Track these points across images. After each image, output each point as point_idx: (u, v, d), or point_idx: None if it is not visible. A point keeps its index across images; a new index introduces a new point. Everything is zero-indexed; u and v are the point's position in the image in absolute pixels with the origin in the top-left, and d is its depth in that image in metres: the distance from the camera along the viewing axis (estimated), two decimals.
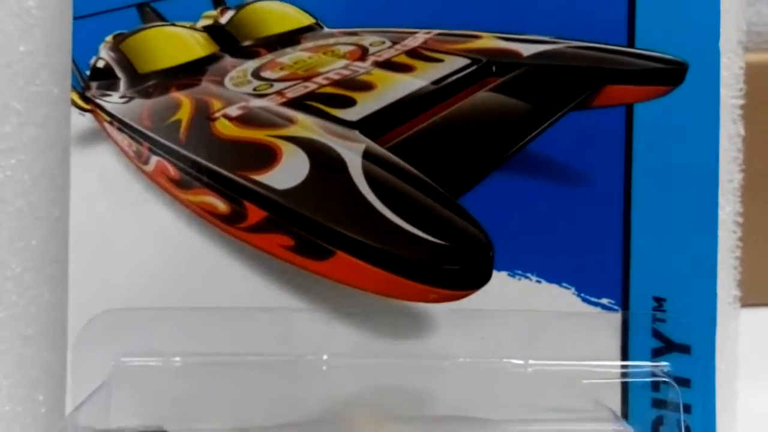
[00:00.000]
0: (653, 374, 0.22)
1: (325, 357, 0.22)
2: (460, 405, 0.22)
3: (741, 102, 0.25)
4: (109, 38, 0.22)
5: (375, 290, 0.22)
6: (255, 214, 0.22)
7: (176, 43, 0.22)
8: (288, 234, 0.22)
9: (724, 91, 0.23)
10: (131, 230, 0.22)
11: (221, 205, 0.22)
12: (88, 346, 0.22)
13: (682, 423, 0.21)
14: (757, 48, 0.36)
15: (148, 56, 0.22)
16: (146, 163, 0.22)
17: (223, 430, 0.21)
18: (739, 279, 0.24)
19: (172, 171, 0.22)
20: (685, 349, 0.22)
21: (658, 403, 0.22)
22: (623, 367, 0.22)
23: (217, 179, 0.22)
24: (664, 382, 0.22)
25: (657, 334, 0.22)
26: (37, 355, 0.23)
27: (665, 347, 0.22)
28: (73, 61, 0.22)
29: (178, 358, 0.22)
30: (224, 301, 0.22)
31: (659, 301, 0.22)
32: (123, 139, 0.22)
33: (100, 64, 0.22)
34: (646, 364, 0.22)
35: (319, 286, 0.22)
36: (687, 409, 0.22)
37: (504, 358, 0.22)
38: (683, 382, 0.22)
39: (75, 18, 0.21)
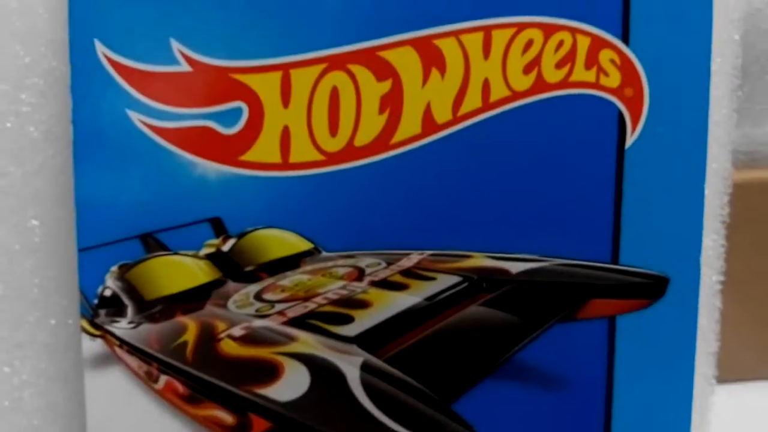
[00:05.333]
0: None
1: None
2: None
3: (719, 287, 0.26)
4: (114, 268, 0.22)
5: None
6: (259, 424, 0.22)
7: (180, 271, 0.22)
8: None
9: (705, 269, 0.24)
10: None
11: (228, 418, 0.22)
12: None
13: None
14: (743, 166, 0.36)
15: (154, 284, 0.22)
16: (156, 381, 0.22)
17: None
18: None
19: (181, 388, 0.22)
20: None
21: None
22: None
23: (223, 394, 0.22)
24: None
25: None
26: None
27: None
28: (81, 290, 0.22)
29: None
30: None
31: None
32: (133, 361, 0.22)
33: (107, 293, 0.22)
34: None
35: None
36: None
37: None
38: None
39: (80, 250, 0.22)
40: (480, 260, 0.22)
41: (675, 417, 0.22)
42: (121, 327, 0.22)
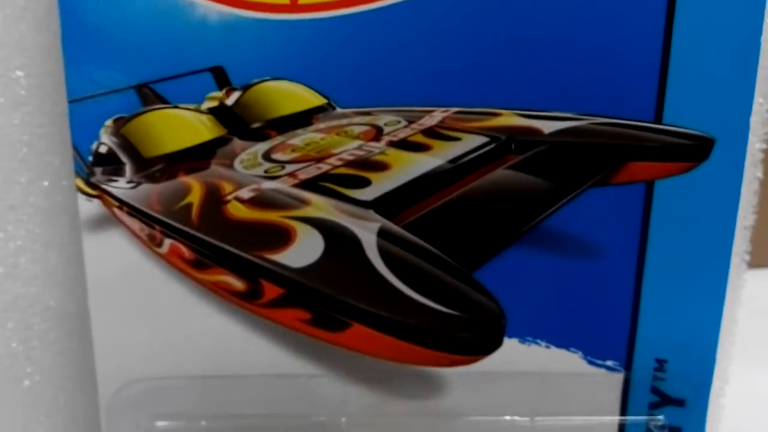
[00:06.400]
0: (648, 426, 0.23)
1: (343, 419, 0.23)
2: None
3: (761, 156, 0.24)
4: (109, 122, 0.19)
5: (391, 358, 0.22)
6: (271, 291, 0.21)
7: (181, 126, 0.20)
8: (305, 308, 0.21)
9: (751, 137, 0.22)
10: (152, 306, 0.22)
11: (238, 284, 0.21)
12: (120, 412, 0.22)
13: None
14: None
15: (153, 140, 0.20)
16: (160, 245, 0.21)
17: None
18: None
19: (187, 253, 0.21)
20: (680, 402, 0.23)
21: None
22: (621, 420, 0.23)
23: (233, 259, 0.21)
24: (661, 426, 0.23)
25: (656, 391, 0.23)
26: (72, 420, 0.24)
27: (662, 401, 0.23)
28: (74, 146, 0.20)
29: (204, 422, 0.23)
30: (246, 369, 0.23)
31: (660, 362, 0.23)
32: (134, 224, 0.20)
33: (103, 149, 0.20)
34: (642, 418, 0.23)
35: (336, 353, 0.22)
36: None
37: (513, 415, 0.23)
38: (676, 430, 0.23)
39: (70, 101, 0.20)
40: (509, 118, 0.20)
41: (708, 292, 0.21)
42: (120, 187, 0.20)
